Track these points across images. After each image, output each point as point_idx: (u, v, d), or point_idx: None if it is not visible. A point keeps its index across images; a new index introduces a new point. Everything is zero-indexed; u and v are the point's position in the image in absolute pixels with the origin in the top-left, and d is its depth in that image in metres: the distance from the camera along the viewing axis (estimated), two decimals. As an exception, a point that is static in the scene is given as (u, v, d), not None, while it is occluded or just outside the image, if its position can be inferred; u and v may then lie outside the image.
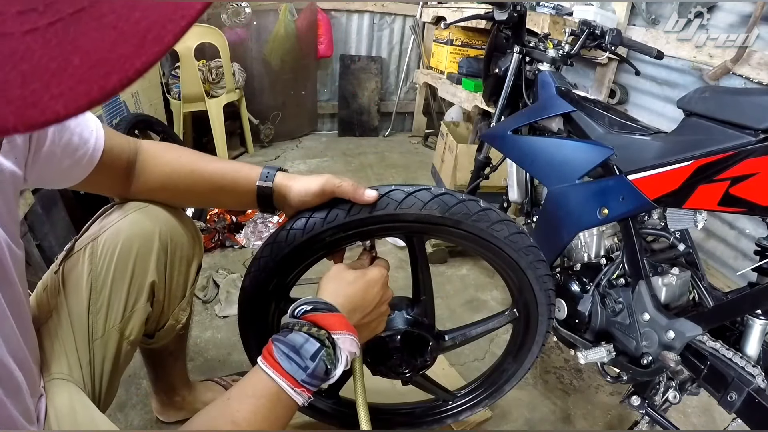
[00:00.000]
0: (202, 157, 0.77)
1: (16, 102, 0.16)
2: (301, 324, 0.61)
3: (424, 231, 0.79)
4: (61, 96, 0.16)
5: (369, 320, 0.71)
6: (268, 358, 0.59)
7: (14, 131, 0.16)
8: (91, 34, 0.17)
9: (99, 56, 0.17)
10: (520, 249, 0.80)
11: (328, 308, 0.64)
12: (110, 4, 0.17)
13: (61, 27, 0.17)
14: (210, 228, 1.93)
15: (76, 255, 0.76)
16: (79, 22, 0.17)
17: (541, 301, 0.88)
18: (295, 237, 0.75)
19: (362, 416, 0.71)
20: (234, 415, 0.55)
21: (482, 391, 1.06)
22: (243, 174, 0.76)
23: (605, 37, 1.35)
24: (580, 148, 1.09)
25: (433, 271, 0.86)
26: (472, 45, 3.02)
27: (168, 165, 0.75)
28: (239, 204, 0.79)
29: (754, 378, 0.85)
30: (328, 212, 0.73)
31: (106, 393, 0.77)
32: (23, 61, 0.16)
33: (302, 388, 0.58)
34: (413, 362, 0.88)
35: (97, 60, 0.17)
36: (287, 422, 0.60)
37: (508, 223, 0.78)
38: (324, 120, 3.82)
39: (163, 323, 0.88)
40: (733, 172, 0.81)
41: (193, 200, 0.90)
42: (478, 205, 0.76)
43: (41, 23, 0.17)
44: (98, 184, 0.72)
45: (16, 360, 0.53)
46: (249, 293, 0.82)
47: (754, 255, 0.93)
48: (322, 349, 0.60)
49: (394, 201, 0.72)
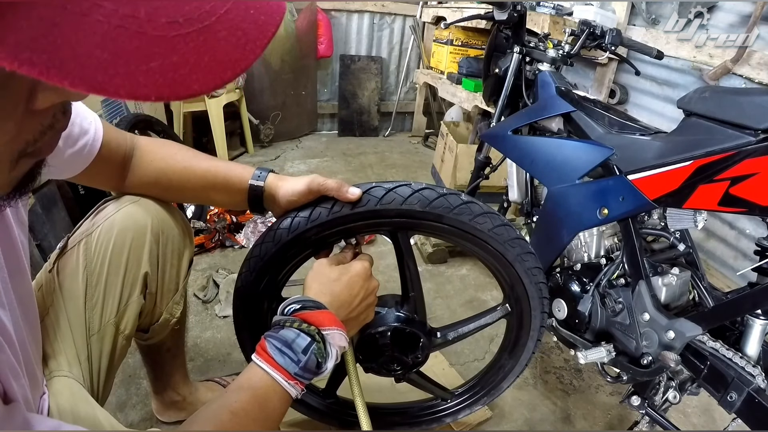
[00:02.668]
0: (197, 155, 0.79)
1: (170, 81, 0.24)
2: (292, 321, 0.63)
3: (407, 226, 0.79)
4: (197, 80, 0.25)
5: (357, 313, 0.73)
6: (261, 353, 0.61)
7: (167, 98, 0.24)
8: (213, 42, 0.26)
9: (219, 57, 0.26)
10: (506, 241, 0.80)
11: (316, 306, 0.66)
12: (225, 24, 0.26)
13: (195, 35, 0.25)
14: (210, 228, 1.93)
15: (69, 252, 0.76)
16: (207, 32, 0.25)
17: (533, 294, 0.87)
18: (281, 237, 0.77)
19: (362, 417, 0.71)
20: (232, 405, 0.57)
21: (480, 388, 1.06)
22: (236, 173, 0.77)
23: (605, 37, 1.35)
24: (580, 148, 1.09)
25: (432, 271, 0.86)
26: (472, 45, 3.02)
27: (162, 161, 0.77)
28: (231, 203, 0.81)
29: (754, 378, 0.85)
30: (311, 211, 0.75)
31: (104, 389, 0.78)
32: (173, 54, 0.24)
33: (295, 380, 0.60)
34: (405, 360, 0.88)
35: (219, 60, 0.26)
36: (283, 414, 0.62)
37: (491, 216, 0.78)
38: (324, 120, 3.83)
39: (157, 317, 0.89)
40: (733, 172, 0.81)
41: (186, 197, 0.93)
42: (460, 198, 0.76)
43: (183, 31, 0.25)
44: (96, 177, 0.73)
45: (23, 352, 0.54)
46: (242, 294, 0.83)
47: (754, 255, 0.93)
48: (313, 343, 0.62)
49: (375, 197, 0.73)
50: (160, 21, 0.24)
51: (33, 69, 0.21)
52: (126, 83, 0.23)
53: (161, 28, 0.24)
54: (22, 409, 0.45)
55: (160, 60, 0.24)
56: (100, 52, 0.22)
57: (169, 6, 0.24)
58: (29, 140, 0.33)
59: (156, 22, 0.24)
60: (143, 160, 0.76)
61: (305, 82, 3.39)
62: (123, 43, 0.23)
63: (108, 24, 0.22)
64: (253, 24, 0.28)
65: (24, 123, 0.31)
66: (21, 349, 0.53)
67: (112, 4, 0.23)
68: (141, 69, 0.23)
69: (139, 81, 0.23)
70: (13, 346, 0.51)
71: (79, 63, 0.22)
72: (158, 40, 0.24)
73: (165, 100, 0.25)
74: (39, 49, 0.21)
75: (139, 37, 0.23)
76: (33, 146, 0.33)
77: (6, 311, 0.50)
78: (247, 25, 0.27)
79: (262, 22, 0.28)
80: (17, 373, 0.50)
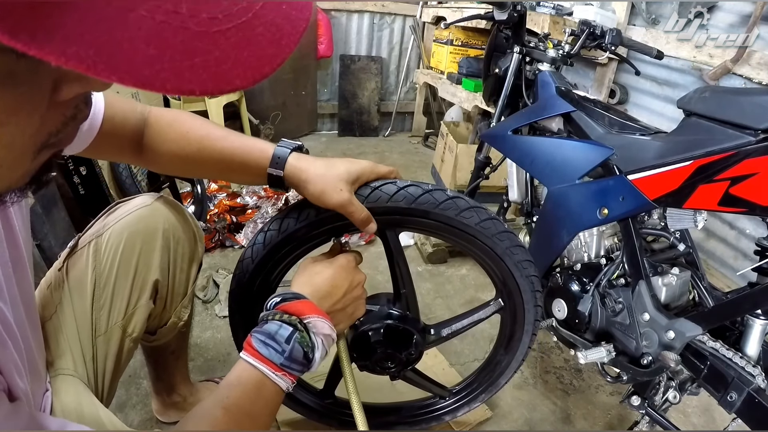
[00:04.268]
0: (210, 133, 0.73)
1: (213, 76, 0.25)
2: (273, 313, 0.64)
3: (395, 223, 0.79)
4: (238, 75, 0.26)
5: (343, 305, 0.72)
6: (248, 349, 0.61)
7: (211, 93, 0.25)
8: (251, 38, 0.26)
9: (257, 53, 0.26)
10: (494, 235, 0.80)
11: (295, 297, 0.66)
12: (261, 20, 0.26)
13: (234, 30, 0.25)
14: (210, 228, 1.93)
15: (79, 251, 0.76)
16: (245, 28, 0.26)
17: (525, 288, 0.87)
18: (272, 238, 0.78)
19: (358, 415, 0.72)
20: (224, 401, 0.58)
21: (477, 385, 1.05)
22: (253, 157, 0.72)
23: (605, 37, 1.35)
24: (580, 148, 1.09)
25: (432, 271, 0.87)
26: (472, 45, 3.02)
27: (174, 143, 0.72)
28: (252, 183, 0.79)
29: (754, 378, 0.85)
30: (300, 212, 0.76)
31: (108, 390, 0.78)
32: (216, 50, 0.25)
33: (283, 371, 0.61)
34: (399, 357, 0.88)
35: (257, 55, 0.26)
36: (276, 406, 0.62)
37: (477, 210, 0.79)
38: (324, 120, 3.82)
39: (165, 321, 0.89)
40: (733, 172, 0.81)
41: (204, 176, 0.93)
42: (445, 194, 0.77)
43: (223, 27, 0.25)
44: (105, 151, 0.72)
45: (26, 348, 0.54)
46: (236, 294, 0.84)
47: (754, 255, 0.93)
48: (295, 332, 0.62)
49: (361, 196, 0.73)
50: (202, 17, 0.24)
51: (81, 64, 0.21)
52: (172, 78, 0.23)
53: (203, 24, 0.24)
54: (26, 407, 0.45)
55: (203, 55, 0.24)
56: (146, 47, 0.22)
57: (209, 2, 0.25)
58: (52, 131, 0.33)
59: (198, 17, 0.24)
60: (155, 141, 0.72)
61: (305, 82, 3.39)
62: (168, 39, 0.23)
63: (152, 19, 0.22)
64: (285, 19, 0.28)
65: (48, 114, 0.31)
66: (24, 345, 0.54)
67: (155, 0, 0.23)
68: (185, 64, 0.24)
69: (185, 76, 0.24)
70: (16, 343, 0.51)
71: (126, 58, 0.22)
72: (201, 36, 0.24)
73: (208, 94, 0.25)
74: (86, 43, 0.21)
75: (183, 32, 0.23)
76: (55, 137, 0.33)
77: (8, 307, 0.50)
78: (281, 20, 0.28)
79: (293, 17, 0.29)
80: (20, 371, 0.50)
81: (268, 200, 2.16)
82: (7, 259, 0.51)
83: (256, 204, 2.16)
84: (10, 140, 0.29)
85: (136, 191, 1.85)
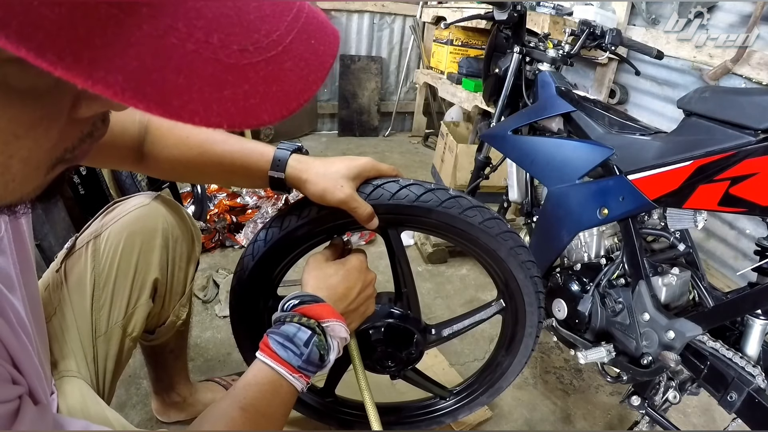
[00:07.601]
0: (210, 136, 0.73)
1: (241, 110, 0.24)
2: (292, 316, 0.64)
3: (397, 222, 0.79)
4: (266, 111, 0.25)
5: (356, 305, 0.72)
6: (265, 350, 0.62)
7: (238, 127, 0.24)
8: (280, 73, 0.26)
9: (286, 88, 0.26)
10: (497, 235, 0.79)
11: (314, 300, 0.66)
12: (290, 54, 0.26)
13: (264, 64, 0.25)
14: (210, 228, 1.93)
15: (78, 252, 0.76)
16: (274, 62, 0.25)
17: (527, 289, 0.86)
18: (273, 235, 0.78)
19: (371, 411, 0.72)
20: (241, 401, 0.58)
21: (478, 386, 1.04)
22: (253, 159, 0.72)
23: (605, 37, 1.35)
24: (580, 148, 1.09)
25: (432, 271, 0.87)
26: (472, 45, 3.02)
27: (175, 148, 0.72)
28: (254, 186, 0.79)
29: (754, 378, 0.85)
30: (301, 210, 0.76)
31: (109, 390, 0.78)
32: (245, 83, 0.24)
33: (299, 373, 0.61)
34: (399, 356, 0.88)
35: (285, 90, 0.26)
36: (290, 407, 0.63)
37: (480, 209, 0.78)
38: (324, 120, 3.82)
39: (164, 320, 0.89)
40: (733, 172, 0.81)
41: (208, 180, 0.93)
42: (448, 193, 0.77)
43: (254, 60, 0.24)
44: (106, 160, 0.72)
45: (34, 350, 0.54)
46: (237, 293, 0.84)
47: (754, 255, 0.93)
48: (314, 336, 0.62)
49: (363, 194, 0.73)
50: (233, 48, 0.23)
51: (108, 89, 0.20)
52: (200, 110, 0.22)
53: (234, 56, 0.23)
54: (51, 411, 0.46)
55: (232, 88, 0.23)
56: (176, 77, 0.22)
57: (240, 33, 0.24)
58: (68, 147, 0.32)
59: (229, 48, 0.23)
60: (156, 148, 0.72)
61: (305, 82, 3.39)
62: (198, 69, 0.22)
63: (183, 48, 0.22)
64: (313, 54, 0.28)
65: (65, 130, 0.30)
66: (33, 347, 0.54)
67: (187, 28, 0.22)
68: (215, 96, 0.23)
69: (213, 109, 0.23)
70: (33, 344, 0.51)
71: (155, 87, 0.21)
72: (231, 68, 0.23)
73: (236, 128, 0.24)
74: (114, 69, 0.20)
75: (214, 63, 0.23)
76: (71, 153, 0.33)
77: (23, 307, 0.50)
78: (309, 55, 0.27)
79: (321, 52, 0.28)
80: (39, 374, 0.50)
81: (268, 200, 2.16)
82: (15, 261, 0.51)
83: (256, 204, 2.17)
84: (27, 154, 0.29)
85: (137, 191, 1.85)
